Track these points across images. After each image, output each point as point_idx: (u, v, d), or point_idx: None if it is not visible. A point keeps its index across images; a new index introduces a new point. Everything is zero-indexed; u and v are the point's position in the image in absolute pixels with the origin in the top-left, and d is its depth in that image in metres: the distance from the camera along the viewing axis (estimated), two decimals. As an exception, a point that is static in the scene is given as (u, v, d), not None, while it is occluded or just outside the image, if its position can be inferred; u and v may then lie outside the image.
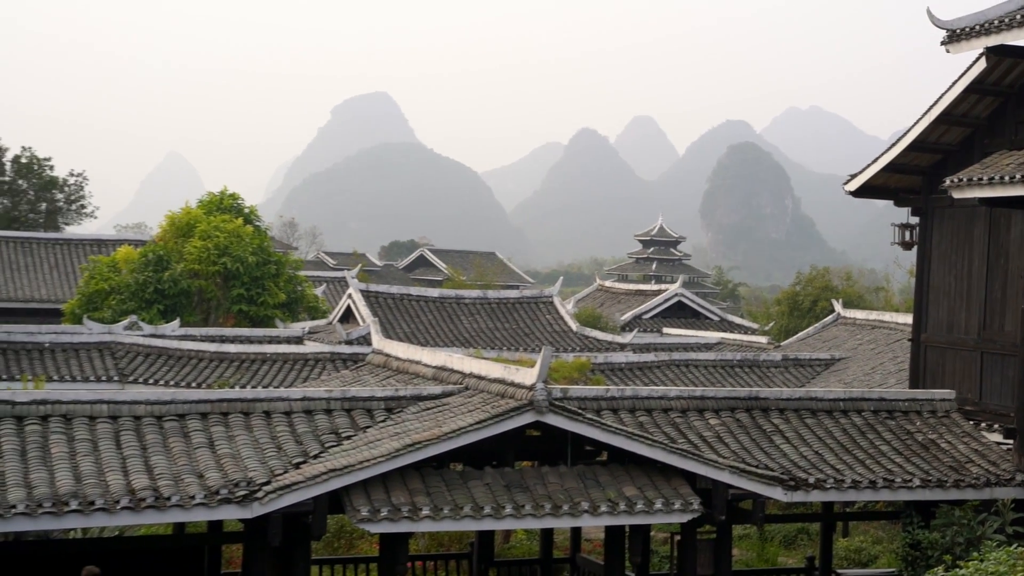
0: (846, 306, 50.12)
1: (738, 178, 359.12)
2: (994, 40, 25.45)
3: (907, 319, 37.69)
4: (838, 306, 49.06)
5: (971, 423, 26.43)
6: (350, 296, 48.32)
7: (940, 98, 27.79)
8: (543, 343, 44.57)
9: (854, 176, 30.62)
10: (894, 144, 29.35)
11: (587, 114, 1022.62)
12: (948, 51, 26.39)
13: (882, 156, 29.64)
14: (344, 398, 22.00)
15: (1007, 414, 26.05)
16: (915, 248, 30.38)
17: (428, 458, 19.60)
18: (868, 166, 30.07)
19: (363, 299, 47.21)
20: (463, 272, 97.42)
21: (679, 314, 64.27)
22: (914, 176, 29.69)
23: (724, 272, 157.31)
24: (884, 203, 31.83)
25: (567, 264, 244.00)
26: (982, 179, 24.30)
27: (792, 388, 31.41)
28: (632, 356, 39.82)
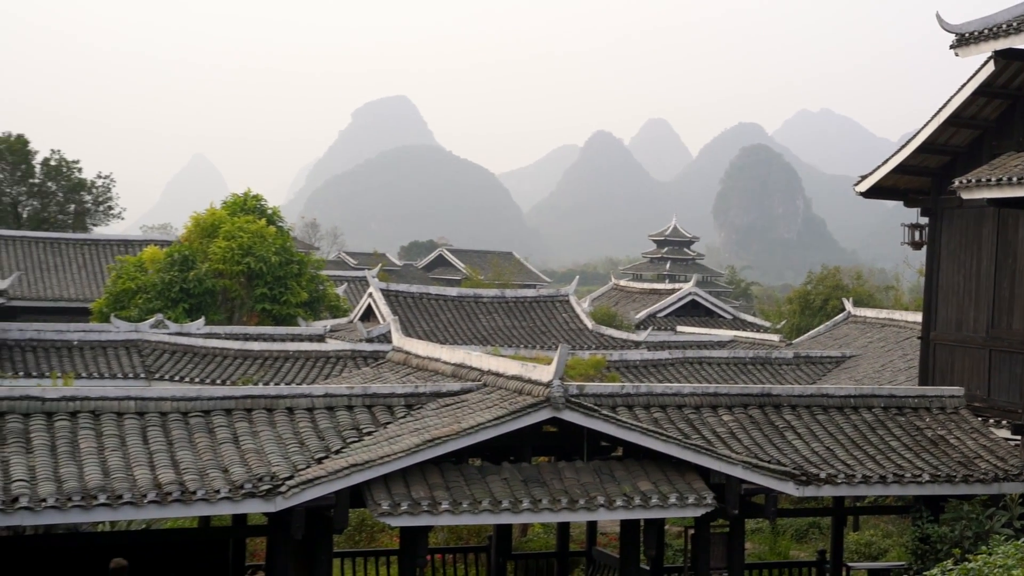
0: (856, 305, 50.34)
1: (750, 179, 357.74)
2: (1002, 44, 25.48)
3: (916, 317, 37.83)
4: (849, 305, 49.20)
5: (980, 419, 26.44)
6: (370, 295, 48.50)
7: (949, 101, 27.79)
8: (559, 341, 44.50)
9: (864, 177, 30.57)
10: (904, 146, 29.34)
11: (601, 117, 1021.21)
12: (957, 55, 26.41)
13: (892, 158, 29.62)
14: (365, 395, 22.02)
15: (1015, 411, 26.06)
16: (924, 248, 30.39)
17: (447, 453, 19.63)
18: (878, 167, 30.02)
19: (383, 298, 47.35)
20: (481, 271, 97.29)
21: (693, 313, 64.33)
22: (923, 177, 29.67)
23: (737, 271, 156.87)
24: (894, 204, 31.66)
25: (583, 264, 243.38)
26: (990, 180, 24.33)
27: (804, 385, 31.69)
28: (647, 354, 39.88)
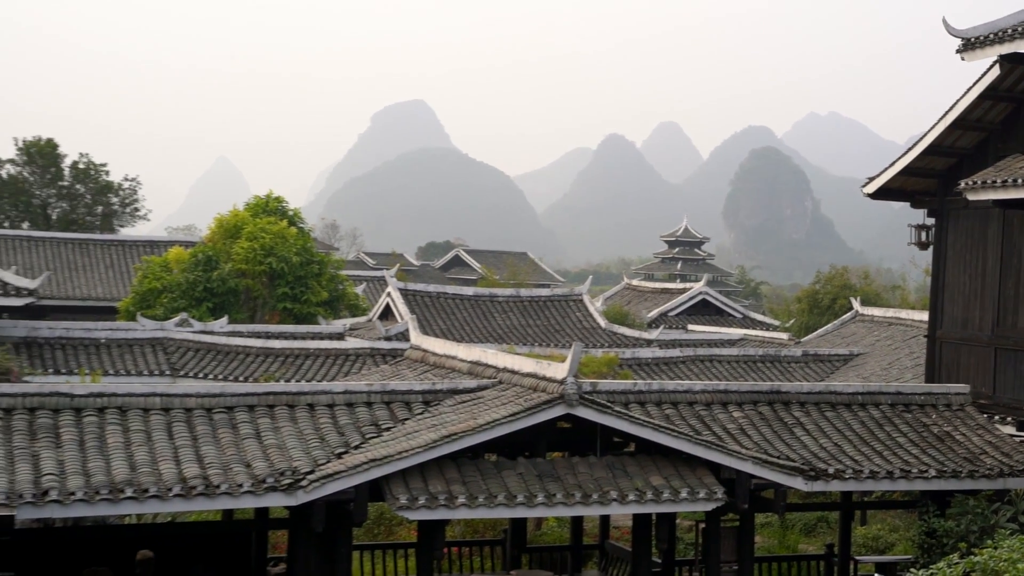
0: (864, 304, 50.41)
1: (760, 181, 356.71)
2: (1007, 48, 25.77)
3: (923, 316, 37.85)
4: (856, 304, 49.30)
5: (985, 416, 26.57)
6: (389, 294, 48.60)
7: (955, 104, 28.02)
8: (573, 339, 44.55)
9: (872, 179, 30.86)
10: (910, 148, 29.60)
11: (614, 120, 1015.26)
12: (963, 59, 26.70)
13: (899, 160, 29.90)
14: (384, 391, 22.32)
15: (1020, 407, 26.40)
16: (931, 248, 30.65)
17: (464, 449, 19.92)
18: (885, 169, 30.31)
19: (401, 297, 47.53)
20: (496, 271, 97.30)
21: (703, 311, 64.46)
22: (930, 179, 29.95)
23: (746, 271, 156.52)
24: (901, 205, 31.93)
25: (596, 264, 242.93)
26: (996, 182, 24.64)
27: (812, 382, 31.77)
28: (658, 352, 40.12)
